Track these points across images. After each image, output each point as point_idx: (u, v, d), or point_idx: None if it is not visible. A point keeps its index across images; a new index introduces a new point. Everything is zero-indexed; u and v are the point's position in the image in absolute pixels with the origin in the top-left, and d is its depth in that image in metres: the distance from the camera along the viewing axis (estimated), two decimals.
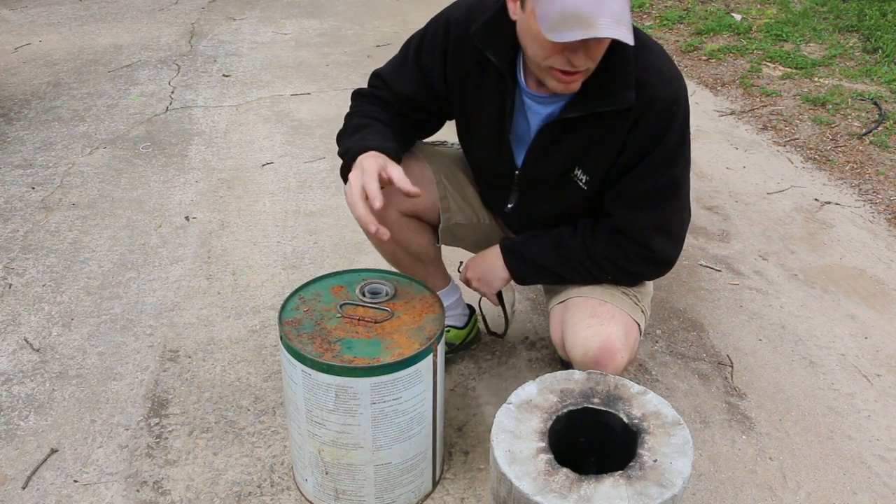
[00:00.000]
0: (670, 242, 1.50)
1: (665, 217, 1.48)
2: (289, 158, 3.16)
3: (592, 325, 1.47)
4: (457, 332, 1.98)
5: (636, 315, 1.54)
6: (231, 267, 2.42)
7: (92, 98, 3.76)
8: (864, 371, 2.01)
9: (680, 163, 1.45)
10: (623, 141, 1.43)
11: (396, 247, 1.74)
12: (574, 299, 1.55)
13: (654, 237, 1.48)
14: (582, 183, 1.51)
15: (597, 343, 1.44)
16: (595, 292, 1.53)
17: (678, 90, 1.41)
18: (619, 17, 1.22)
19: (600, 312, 1.49)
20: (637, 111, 1.39)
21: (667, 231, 1.49)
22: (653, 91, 1.38)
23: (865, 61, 4.31)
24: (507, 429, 1.23)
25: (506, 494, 1.17)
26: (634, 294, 1.57)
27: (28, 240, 2.54)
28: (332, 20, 5.20)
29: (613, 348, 1.44)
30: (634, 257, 1.50)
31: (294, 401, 1.45)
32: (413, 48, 1.58)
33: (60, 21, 5.04)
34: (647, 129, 1.40)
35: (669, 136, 1.40)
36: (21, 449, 1.72)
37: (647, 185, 1.45)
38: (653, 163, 1.43)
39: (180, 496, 1.60)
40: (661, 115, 1.39)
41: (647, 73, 1.38)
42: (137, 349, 2.04)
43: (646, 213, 1.47)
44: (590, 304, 1.51)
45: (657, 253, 1.49)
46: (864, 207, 2.85)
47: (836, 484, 1.67)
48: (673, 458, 1.17)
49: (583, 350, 1.46)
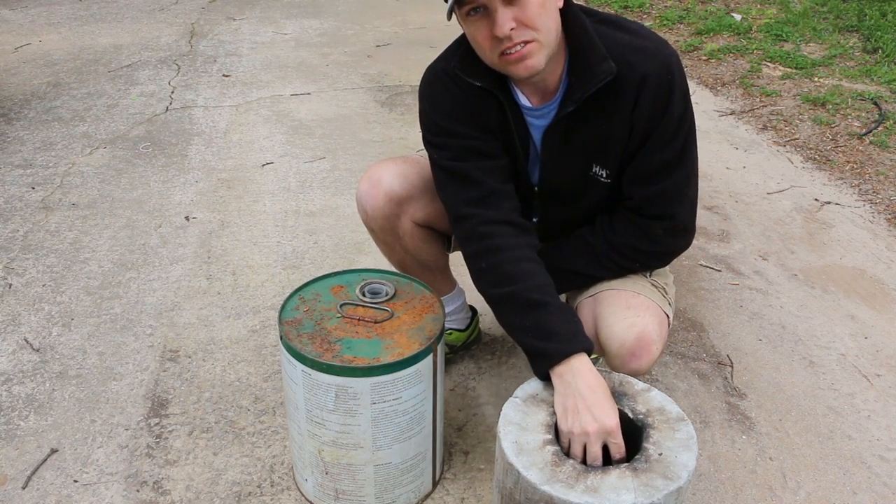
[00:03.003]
0: (688, 206, 1.51)
1: (681, 182, 1.48)
2: (289, 158, 3.16)
3: (628, 317, 1.47)
4: (458, 335, 1.98)
5: (665, 307, 1.55)
6: (231, 267, 2.42)
7: (92, 98, 3.76)
8: (864, 371, 2.01)
9: (685, 127, 1.45)
10: (629, 123, 1.43)
11: (406, 255, 1.73)
12: (605, 292, 1.54)
13: (676, 204, 1.48)
14: (603, 178, 1.51)
15: (633, 335, 1.44)
16: (626, 284, 1.54)
17: (668, 58, 1.41)
18: None
19: (634, 304, 1.49)
20: (634, 90, 1.39)
21: (686, 196, 1.49)
22: (643, 68, 1.38)
23: (865, 61, 4.31)
24: (514, 421, 1.23)
25: (512, 485, 1.17)
26: (663, 286, 1.57)
27: (28, 240, 2.54)
28: (332, 20, 5.20)
29: (650, 339, 1.44)
30: (657, 234, 1.50)
31: (294, 401, 1.45)
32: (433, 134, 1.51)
33: (60, 21, 5.04)
34: (649, 106, 1.40)
35: (672, 105, 1.41)
36: (21, 449, 1.72)
37: (660, 158, 1.45)
38: (662, 135, 1.43)
39: (180, 496, 1.60)
40: (658, 88, 1.39)
41: (631, 53, 1.39)
42: (137, 349, 2.04)
43: (663, 183, 1.46)
44: (623, 296, 1.51)
45: (679, 221, 1.50)
46: (864, 207, 2.85)
47: (836, 484, 1.67)
48: (678, 451, 1.18)
49: (619, 342, 1.45)
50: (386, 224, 1.65)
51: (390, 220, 1.64)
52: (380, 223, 1.65)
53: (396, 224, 1.65)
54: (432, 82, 1.51)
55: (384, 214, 1.63)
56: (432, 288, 1.80)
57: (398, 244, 1.70)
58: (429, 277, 1.79)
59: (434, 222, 1.68)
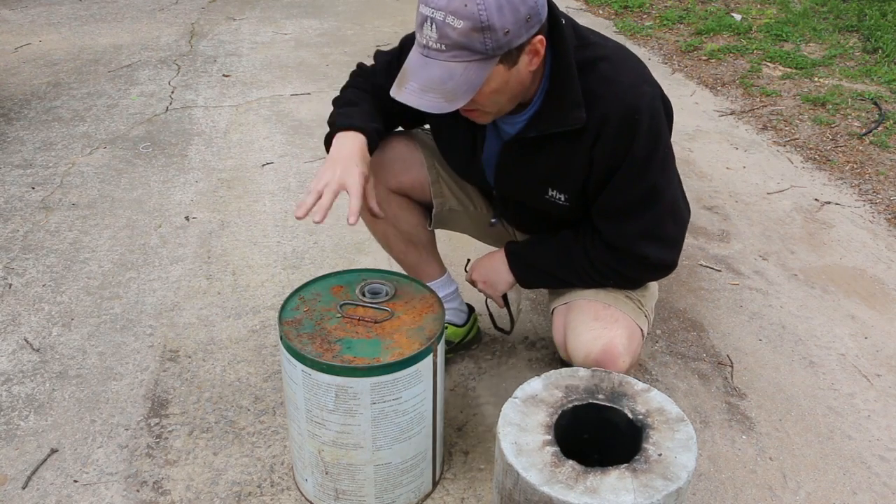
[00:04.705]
0: (664, 247, 1.48)
1: (652, 224, 1.45)
2: (289, 158, 3.16)
3: (595, 328, 1.47)
4: (455, 330, 1.97)
5: (639, 319, 1.54)
6: (231, 267, 2.42)
7: (92, 98, 3.76)
8: (864, 371, 2.01)
9: (655, 169, 1.42)
10: (588, 158, 1.41)
11: (388, 226, 1.75)
12: (578, 301, 1.54)
13: (645, 246, 1.46)
14: (562, 202, 1.51)
15: (599, 347, 1.44)
16: (599, 295, 1.53)
17: (637, 99, 1.36)
18: (432, 85, 1.27)
19: (604, 316, 1.49)
20: (595, 127, 1.37)
21: (657, 237, 1.47)
22: (607, 106, 1.36)
23: (865, 61, 4.31)
24: (513, 422, 1.23)
25: (511, 486, 1.17)
26: (638, 298, 1.56)
27: (28, 240, 2.54)
28: (332, 20, 5.20)
29: (616, 352, 1.43)
30: (632, 264, 1.49)
31: (294, 401, 1.45)
32: (398, 51, 1.59)
33: (60, 21, 5.04)
34: (610, 144, 1.38)
35: (636, 146, 1.37)
36: (21, 449, 1.72)
37: (625, 197, 1.43)
38: (626, 175, 1.40)
39: (180, 496, 1.60)
40: (620, 128, 1.36)
41: (603, 86, 1.36)
42: (137, 349, 2.04)
43: (630, 224, 1.45)
44: (593, 307, 1.51)
45: (652, 260, 1.48)
46: (864, 207, 2.85)
47: (836, 484, 1.67)
48: (677, 452, 1.18)
49: (584, 353, 1.45)
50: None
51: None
52: None
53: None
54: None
55: None
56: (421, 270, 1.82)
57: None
58: (415, 257, 1.81)
59: (408, 190, 1.73)
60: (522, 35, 1.25)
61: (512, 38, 1.24)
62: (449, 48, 1.24)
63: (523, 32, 1.25)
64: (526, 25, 1.25)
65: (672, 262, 1.51)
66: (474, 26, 1.21)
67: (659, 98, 1.41)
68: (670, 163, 1.46)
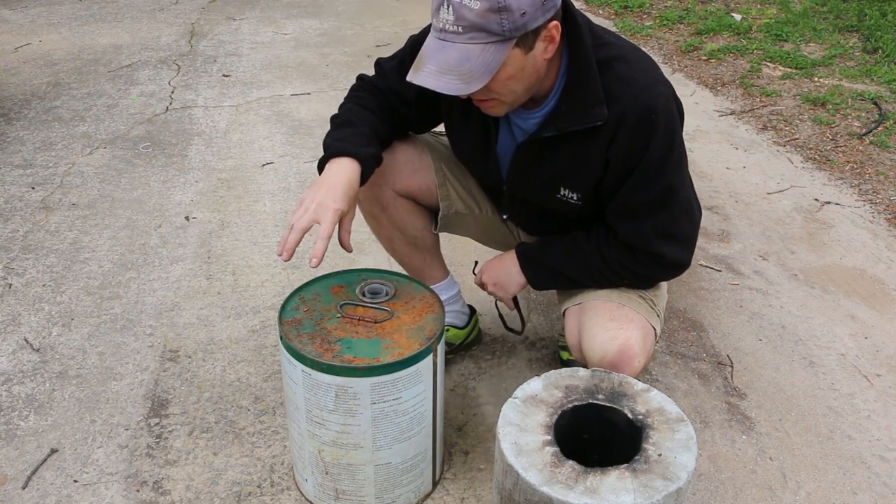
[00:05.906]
0: (679, 246, 1.49)
1: (667, 223, 1.46)
2: (289, 158, 3.16)
3: (611, 328, 1.46)
4: (456, 332, 1.97)
5: (652, 319, 1.53)
6: (231, 267, 2.42)
7: (92, 98, 3.76)
8: (864, 371, 2.01)
9: (671, 168, 1.43)
10: (604, 157, 1.42)
11: (394, 229, 1.75)
12: (591, 302, 1.54)
13: (661, 245, 1.46)
14: (574, 201, 1.51)
15: (615, 347, 1.44)
16: (612, 295, 1.53)
17: (654, 99, 1.37)
18: (449, 67, 1.26)
19: (619, 316, 1.49)
20: (612, 127, 1.38)
21: (673, 236, 1.47)
22: (624, 105, 1.36)
23: (865, 61, 4.31)
24: (513, 422, 1.23)
25: (511, 486, 1.17)
26: (651, 298, 1.56)
27: (28, 240, 2.54)
28: (332, 20, 5.20)
29: (632, 352, 1.43)
30: (648, 263, 1.49)
31: (294, 401, 1.45)
32: (409, 48, 1.58)
33: (60, 21, 5.04)
34: (626, 144, 1.38)
35: (653, 146, 1.38)
36: (21, 449, 1.72)
37: (641, 196, 1.43)
38: (642, 174, 1.41)
39: (180, 496, 1.61)
40: (638, 127, 1.37)
41: (619, 85, 1.37)
42: (137, 349, 2.04)
43: (647, 223, 1.45)
44: (608, 307, 1.51)
45: (668, 258, 1.48)
46: (864, 207, 2.85)
47: (836, 484, 1.67)
48: (677, 452, 1.18)
49: (601, 354, 1.45)
50: (370, 193, 1.68)
51: (373, 188, 1.66)
52: (364, 192, 1.66)
53: (379, 194, 1.68)
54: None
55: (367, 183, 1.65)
56: (424, 273, 1.81)
57: (384, 216, 1.73)
58: (419, 260, 1.80)
59: (415, 193, 1.72)
60: (539, 18, 1.26)
61: (528, 20, 1.24)
62: (466, 30, 1.24)
63: (539, 15, 1.26)
64: (542, 8, 1.25)
65: (686, 261, 1.52)
66: (491, 7, 1.21)
67: (672, 98, 1.42)
68: (684, 162, 1.47)
